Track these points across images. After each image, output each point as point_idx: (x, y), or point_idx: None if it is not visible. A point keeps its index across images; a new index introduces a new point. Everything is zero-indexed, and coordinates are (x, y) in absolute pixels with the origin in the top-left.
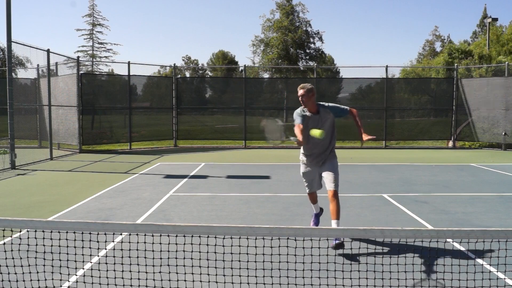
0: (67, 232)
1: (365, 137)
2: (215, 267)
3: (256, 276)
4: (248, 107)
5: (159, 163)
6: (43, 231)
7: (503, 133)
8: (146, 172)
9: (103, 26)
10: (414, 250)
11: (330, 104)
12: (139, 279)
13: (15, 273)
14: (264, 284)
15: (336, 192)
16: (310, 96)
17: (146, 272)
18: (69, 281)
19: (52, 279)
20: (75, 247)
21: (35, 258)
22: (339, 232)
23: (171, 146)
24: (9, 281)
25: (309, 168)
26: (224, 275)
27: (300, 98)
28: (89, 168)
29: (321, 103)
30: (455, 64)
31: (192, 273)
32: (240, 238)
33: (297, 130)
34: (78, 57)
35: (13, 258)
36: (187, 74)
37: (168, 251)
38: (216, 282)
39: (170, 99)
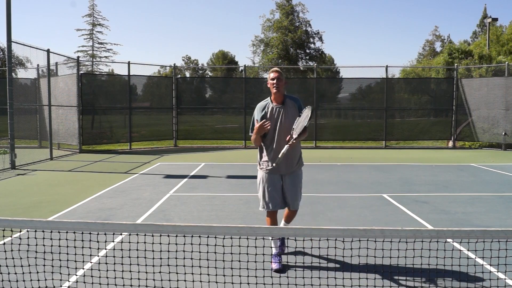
0: (67, 232)
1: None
2: (215, 267)
3: (256, 276)
4: (248, 107)
5: (159, 163)
6: (43, 231)
7: (503, 133)
8: (146, 172)
9: (103, 26)
10: (414, 250)
11: (297, 97)
12: (139, 279)
13: (15, 273)
14: (264, 284)
15: (296, 212)
16: (284, 82)
17: (146, 272)
18: (69, 281)
19: (52, 279)
20: (75, 247)
21: (35, 258)
22: (339, 232)
23: (171, 146)
24: (9, 281)
25: (273, 176)
26: (224, 275)
27: (273, 83)
28: (89, 168)
29: (288, 94)
30: (455, 64)
31: (192, 273)
32: (240, 238)
33: (253, 137)
34: (78, 57)
35: (13, 258)
36: (187, 74)
37: (168, 251)
38: (216, 282)
39: (170, 99)
